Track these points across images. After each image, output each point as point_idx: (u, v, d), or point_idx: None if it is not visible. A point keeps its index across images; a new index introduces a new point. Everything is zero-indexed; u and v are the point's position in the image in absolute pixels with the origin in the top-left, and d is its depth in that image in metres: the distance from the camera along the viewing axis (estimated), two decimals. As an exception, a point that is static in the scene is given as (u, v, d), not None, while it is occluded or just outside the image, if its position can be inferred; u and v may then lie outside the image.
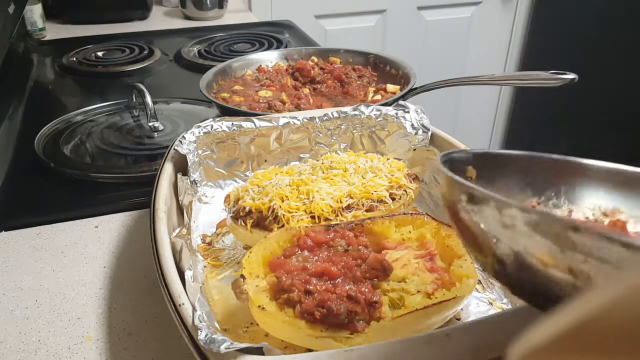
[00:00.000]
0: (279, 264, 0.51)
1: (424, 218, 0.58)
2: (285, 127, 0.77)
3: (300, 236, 0.54)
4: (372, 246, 0.55)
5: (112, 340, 0.56)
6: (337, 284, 0.48)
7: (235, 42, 1.49)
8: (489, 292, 0.58)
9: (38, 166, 0.86)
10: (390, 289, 0.50)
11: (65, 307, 0.61)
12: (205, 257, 0.64)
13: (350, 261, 0.51)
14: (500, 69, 2.48)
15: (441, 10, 2.26)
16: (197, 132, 0.74)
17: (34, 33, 1.54)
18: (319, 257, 0.52)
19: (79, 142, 0.95)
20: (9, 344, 0.55)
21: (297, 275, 0.48)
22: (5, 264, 0.67)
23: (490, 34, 2.38)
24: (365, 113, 0.80)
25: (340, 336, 0.45)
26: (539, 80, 0.83)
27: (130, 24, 1.70)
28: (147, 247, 0.57)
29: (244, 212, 0.62)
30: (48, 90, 1.28)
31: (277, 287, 0.48)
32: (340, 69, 1.08)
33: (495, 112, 2.60)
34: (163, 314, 0.59)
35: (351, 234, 0.54)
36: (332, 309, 0.45)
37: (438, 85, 0.93)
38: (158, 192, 0.63)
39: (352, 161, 0.69)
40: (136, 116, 1.04)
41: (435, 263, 0.54)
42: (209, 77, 0.99)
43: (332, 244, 0.53)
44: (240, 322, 0.53)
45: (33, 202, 0.80)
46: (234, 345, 0.40)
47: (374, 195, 0.64)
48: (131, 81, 1.11)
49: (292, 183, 0.64)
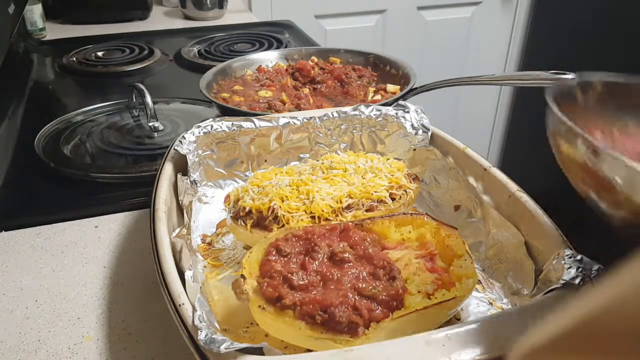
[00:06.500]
0: (265, 264, 0.50)
1: (424, 218, 0.58)
2: (285, 127, 0.77)
3: (296, 234, 0.54)
4: (372, 246, 0.54)
5: (112, 340, 0.56)
6: (342, 288, 0.47)
7: (235, 42, 1.49)
8: (489, 292, 0.58)
9: (38, 166, 0.86)
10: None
11: (65, 307, 0.61)
12: (205, 257, 0.64)
13: (359, 266, 0.50)
14: (500, 69, 2.48)
15: (441, 10, 2.26)
16: (197, 132, 0.74)
17: (34, 33, 1.54)
18: (305, 252, 0.51)
19: (79, 142, 0.95)
20: (9, 344, 0.55)
21: (278, 278, 0.48)
22: (5, 264, 0.67)
23: (490, 34, 2.38)
24: (365, 113, 0.80)
25: (340, 339, 0.45)
26: (539, 80, 0.83)
27: (130, 24, 1.70)
28: (147, 247, 0.57)
29: (244, 212, 0.62)
30: (48, 90, 1.28)
31: (266, 295, 0.47)
32: (340, 69, 1.08)
33: (495, 112, 2.60)
34: (163, 314, 0.59)
35: (361, 234, 0.54)
36: (335, 316, 0.44)
37: (438, 85, 0.93)
38: (158, 192, 0.63)
39: (352, 161, 0.69)
40: (136, 116, 1.04)
41: (435, 263, 0.54)
42: (209, 77, 0.99)
43: (316, 248, 0.52)
44: (240, 322, 0.53)
45: (33, 202, 0.80)
46: (234, 345, 0.40)
47: (374, 196, 0.64)
48: (131, 81, 1.11)
49: (292, 183, 0.64)
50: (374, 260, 0.51)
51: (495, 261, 0.61)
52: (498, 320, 0.45)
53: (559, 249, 0.52)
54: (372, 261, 0.51)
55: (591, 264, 0.49)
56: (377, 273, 0.49)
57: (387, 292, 0.47)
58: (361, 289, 0.47)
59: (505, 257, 0.60)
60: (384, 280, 0.49)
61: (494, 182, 0.66)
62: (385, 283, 0.48)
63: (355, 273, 0.49)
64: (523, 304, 0.50)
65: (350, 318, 0.45)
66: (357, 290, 0.47)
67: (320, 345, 0.45)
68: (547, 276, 0.51)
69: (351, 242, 0.53)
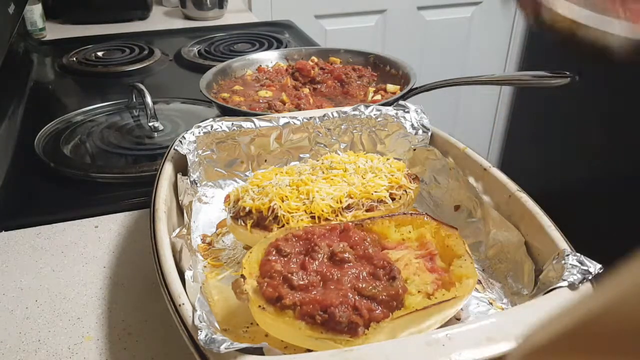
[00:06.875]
0: (265, 264, 0.50)
1: (424, 218, 0.58)
2: (285, 127, 0.77)
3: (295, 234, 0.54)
4: (372, 246, 0.54)
5: (112, 340, 0.56)
6: (342, 288, 0.47)
7: (235, 42, 1.49)
8: (489, 292, 0.58)
9: (38, 166, 0.86)
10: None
11: (65, 307, 0.61)
12: (205, 257, 0.64)
13: (359, 266, 0.50)
14: (500, 69, 2.48)
15: (441, 10, 2.26)
16: (197, 132, 0.74)
17: (34, 33, 1.54)
18: (306, 252, 0.51)
19: (79, 142, 0.95)
20: (9, 344, 0.55)
21: (278, 278, 0.47)
22: (5, 264, 0.67)
23: (490, 34, 2.38)
24: (365, 113, 0.80)
25: (340, 339, 0.45)
26: (539, 80, 0.83)
27: (130, 24, 1.70)
28: (147, 247, 0.57)
29: (244, 212, 0.62)
30: (48, 90, 1.28)
31: (266, 295, 0.47)
32: (340, 69, 1.08)
33: (495, 112, 2.60)
34: (163, 314, 0.59)
35: (361, 234, 0.54)
36: (335, 316, 0.44)
37: (438, 85, 0.93)
38: (158, 192, 0.63)
39: (352, 161, 0.69)
40: (136, 116, 1.04)
41: (435, 263, 0.54)
42: (209, 77, 0.99)
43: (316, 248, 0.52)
44: (240, 322, 0.53)
45: (33, 202, 0.80)
46: (234, 345, 0.40)
47: (374, 196, 0.64)
48: (131, 81, 1.11)
49: (292, 183, 0.64)
50: (374, 260, 0.51)
51: (495, 261, 0.61)
52: (498, 321, 0.45)
53: (559, 249, 0.52)
54: (372, 261, 0.51)
55: (591, 264, 0.49)
56: (377, 273, 0.49)
57: (387, 292, 0.47)
58: (361, 289, 0.47)
59: (505, 257, 0.60)
60: (384, 280, 0.49)
61: (494, 182, 0.66)
62: (385, 283, 0.48)
63: (355, 273, 0.49)
64: (523, 304, 0.50)
65: (350, 318, 0.45)
66: (357, 290, 0.47)
67: (320, 345, 0.45)
68: (547, 276, 0.51)
69: (351, 242, 0.53)
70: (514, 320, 0.45)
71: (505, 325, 0.44)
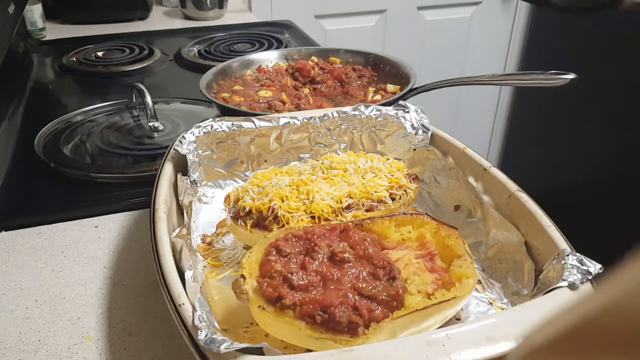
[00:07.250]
0: (265, 264, 0.50)
1: (424, 218, 0.58)
2: (285, 127, 0.77)
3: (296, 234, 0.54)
4: (372, 246, 0.54)
5: (112, 340, 0.56)
6: (342, 288, 0.47)
7: (235, 42, 1.49)
8: (489, 292, 0.58)
9: (38, 166, 0.86)
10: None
11: (65, 307, 0.61)
12: (205, 257, 0.64)
13: (359, 266, 0.50)
14: (500, 69, 2.48)
15: (441, 10, 2.26)
16: (197, 132, 0.74)
17: (34, 33, 1.54)
18: (306, 252, 0.51)
19: (79, 142, 0.95)
20: (9, 344, 0.55)
21: (278, 278, 0.47)
22: (5, 264, 0.67)
23: (490, 34, 2.38)
24: (365, 113, 0.80)
25: (340, 339, 0.45)
26: (539, 80, 0.83)
27: (130, 24, 1.70)
28: (147, 247, 0.57)
29: (244, 212, 0.62)
30: (48, 90, 1.28)
31: (266, 295, 0.47)
32: (340, 69, 1.08)
33: (495, 112, 2.60)
34: (163, 314, 0.59)
35: (361, 234, 0.54)
36: (335, 316, 0.44)
37: (438, 85, 0.93)
38: (158, 192, 0.63)
39: (352, 161, 0.69)
40: (136, 116, 1.04)
41: (435, 263, 0.54)
42: (209, 77, 0.99)
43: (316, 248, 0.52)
44: (240, 322, 0.53)
45: (33, 202, 0.80)
46: (234, 345, 0.40)
47: (374, 196, 0.64)
48: (131, 81, 1.11)
49: (292, 183, 0.64)
50: (374, 260, 0.51)
51: (495, 261, 0.61)
52: (498, 321, 0.45)
53: (559, 248, 0.52)
54: (372, 261, 0.51)
55: (591, 264, 0.49)
56: (377, 273, 0.49)
57: (387, 292, 0.47)
58: (361, 289, 0.47)
59: (505, 257, 0.60)
60: (384, 280, 0.49)
61: (494, 182, 0.66)
62: (385, 283, 0.48)
63: (355, 273, 0.49)
64: (523, 304, 0.50)
65: (350, 318, 0.45)
66: (357, 290, 0.47)
67: (320, 345, 0.45)
68: (547, 276, 0.51)
69: (351, 242, 0.53)
70: (514, 320, 0.45)
71: (505, 325, 0.44)
